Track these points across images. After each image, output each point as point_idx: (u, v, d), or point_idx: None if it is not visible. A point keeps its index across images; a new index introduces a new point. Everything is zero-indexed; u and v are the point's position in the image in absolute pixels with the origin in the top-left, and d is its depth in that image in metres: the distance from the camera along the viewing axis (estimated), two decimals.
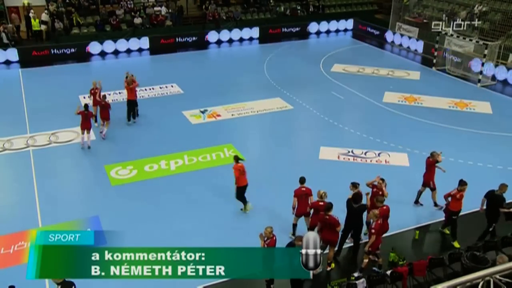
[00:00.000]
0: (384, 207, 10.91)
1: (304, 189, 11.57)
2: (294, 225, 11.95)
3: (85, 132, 16.53)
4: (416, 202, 13.33)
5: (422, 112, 19.94)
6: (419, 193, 13.26)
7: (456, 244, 11.82)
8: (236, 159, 13.03)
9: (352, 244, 11.56)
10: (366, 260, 10.78)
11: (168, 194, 14.13)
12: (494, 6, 26.70)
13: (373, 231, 10.46)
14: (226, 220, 12.85)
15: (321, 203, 11.04)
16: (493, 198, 11.64)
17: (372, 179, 11.84)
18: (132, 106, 18.59)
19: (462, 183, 11.62)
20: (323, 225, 10.81)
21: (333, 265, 11.21)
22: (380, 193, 11.49)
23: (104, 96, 17.67)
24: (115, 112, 18.76)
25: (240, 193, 13.02)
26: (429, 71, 25.61)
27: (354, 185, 11.50)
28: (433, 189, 13.03)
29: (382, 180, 11.73)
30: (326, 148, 16.78)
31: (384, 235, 12.04)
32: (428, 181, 13.00)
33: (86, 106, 16.78)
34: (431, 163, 13.00)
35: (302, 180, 11.68)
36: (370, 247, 10.55)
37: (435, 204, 13.09)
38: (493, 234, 11.80)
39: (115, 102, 19.72)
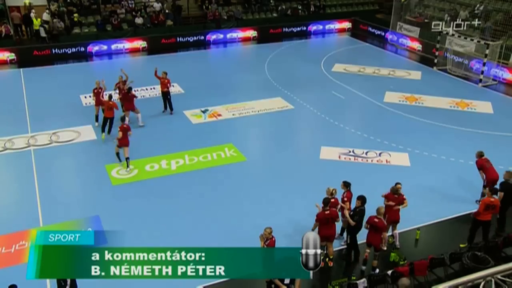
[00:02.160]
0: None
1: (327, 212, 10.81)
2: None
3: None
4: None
5: (423, 112, 19.91)
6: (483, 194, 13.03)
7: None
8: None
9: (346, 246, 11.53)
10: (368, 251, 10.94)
11: (169, 193, 14.12)
12: (495, 5, 26.63)
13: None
14: (227, 220, 12.84)
15: (327, 212, 10.79)
16: (509, 188, 11.88)
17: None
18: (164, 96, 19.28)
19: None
20: (322, 221, 10.70)
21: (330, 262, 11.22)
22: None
23: (130, 88, 17.94)
24: (115, 112, 18.74)
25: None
26: (430, 71, 25.58)
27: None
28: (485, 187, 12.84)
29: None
30: (327, 148, 16.76)
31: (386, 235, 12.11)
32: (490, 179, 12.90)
33: (130, 88, 17.71)
34: (483, 162, 13.12)
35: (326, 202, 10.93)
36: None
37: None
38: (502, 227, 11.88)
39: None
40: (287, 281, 9.17)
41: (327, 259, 11.09)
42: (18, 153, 16.55)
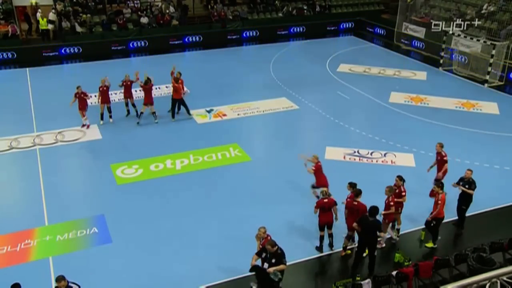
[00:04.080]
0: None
1: (355, 203, 11.11)
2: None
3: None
4: None
5: (428, 112, 19.84)
6: None
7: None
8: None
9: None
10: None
11: (174, 193, 14.14)
12: (502, 6, 26.47)
13: (391, 203, 11.32)
14: (231, 220, 12.84)
15: (326, 200, 11.21)
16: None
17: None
18: (175, 103, 19.03)
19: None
20: (350, 211, 11.14)
21: (348, 251, 11.56)
22: (397, 190, 11.65)
23: (149, 79, 18.30)
24: (117, 112, 18.82)
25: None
26: (435, 71, 25.48)
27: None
28: None
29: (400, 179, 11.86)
30: (332, 148, 16.74)
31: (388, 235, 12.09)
32: None
33: (148, 79, 18.18)
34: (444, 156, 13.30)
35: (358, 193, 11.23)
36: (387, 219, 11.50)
37: None
38: None
39: (114, 103, 19.70)
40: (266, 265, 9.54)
41: (346, 250, 11.55)
42: (24, 152, 16.62)
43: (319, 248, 11.62)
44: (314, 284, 10.86)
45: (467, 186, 12.09)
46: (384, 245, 11.77)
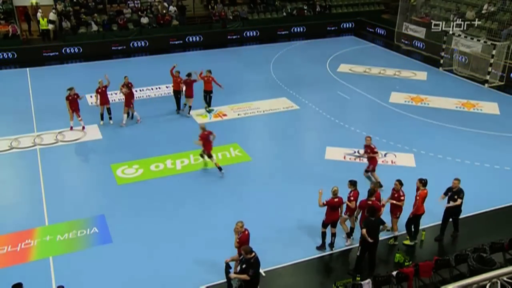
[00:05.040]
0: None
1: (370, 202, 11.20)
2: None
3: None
4: None
5: (428, 112, 19.84)
6: None
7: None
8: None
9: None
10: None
11: (174, 193, 14.13)
12: (503, 6, 26.46)
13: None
14: (231, 220, 12.80)
15: (336, 200, 11.21)
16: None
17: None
18: (206, 95, 19.87)
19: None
20: (365, 210, 11.13)
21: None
22: (396, 195, 11.65)
23: (190, 74, 18.97)
24: (117, 113, 18.79)
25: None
26: (436, 71, 25.48)
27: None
28: None
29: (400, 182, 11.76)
30: (332, 148, 16.74)
31: (390, 235, 12.07)
32: None
33: (189, 74, 18.91)
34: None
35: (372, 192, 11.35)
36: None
37: None
38: None
39: (113, 103, 19.65)
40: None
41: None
42: (24, 152, 16.63)
43: (321, 247, 11.57)
44: (314, 284, 10.85)
45: (455, 197, 11.63)
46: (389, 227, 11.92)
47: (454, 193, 11.71)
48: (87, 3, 30.30)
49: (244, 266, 9.27)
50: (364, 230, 10.40)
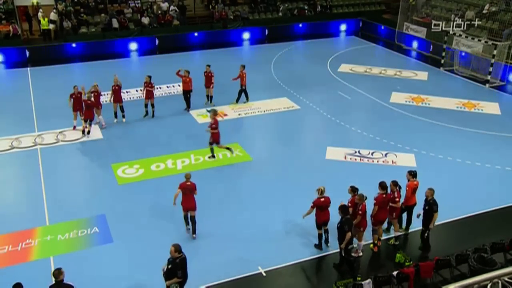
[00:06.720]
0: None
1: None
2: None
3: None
4: None
5: (429, 112, 19.82)
6: None
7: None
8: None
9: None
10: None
11: (174, 193, 14.09)
12: (507, 7, 26.42)
13: (359, 212, 11.00)
14: (231, 220, 12.84)
15: (322, 199, 11.21)
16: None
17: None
18: (241, 92, 20.49)
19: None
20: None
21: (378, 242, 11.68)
22: (392, 196, 11.53)
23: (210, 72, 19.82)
24: (129, 111, 18.77)
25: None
26: (437, 71, 25.46)
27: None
28: None
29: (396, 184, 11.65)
30: (332, 148, 16.73)
31: (390, 235, 12.07)
32: None
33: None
34: None
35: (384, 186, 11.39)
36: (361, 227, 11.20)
37: None
38: None
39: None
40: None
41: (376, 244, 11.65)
42: (25, 152, 16.64)
43: (318, 246, 11.64)
44: (314, 284, 10.84)
45: (427, 208, 11.21)
46: (361, 254, 11.38)
47: (426, 204, 11.27)
48: (87, 3, 30.32)
49: (170, 266, 9.22)
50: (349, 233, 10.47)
